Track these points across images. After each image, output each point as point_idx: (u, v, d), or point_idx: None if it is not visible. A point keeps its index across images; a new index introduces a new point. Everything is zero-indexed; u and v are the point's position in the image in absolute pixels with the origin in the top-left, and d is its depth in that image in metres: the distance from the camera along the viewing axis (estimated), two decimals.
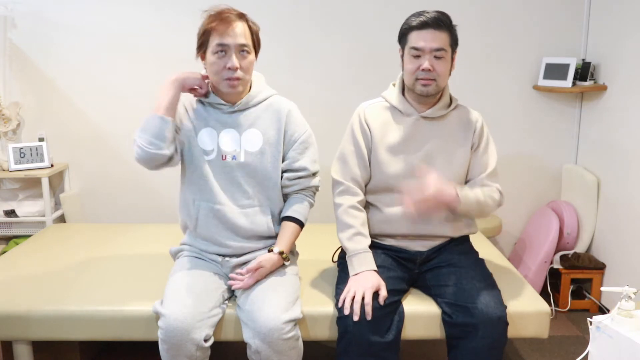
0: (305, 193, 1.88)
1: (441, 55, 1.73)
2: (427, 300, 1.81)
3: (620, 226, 2.63)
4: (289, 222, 1.84)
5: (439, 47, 1.72)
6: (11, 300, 1.82)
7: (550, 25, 2.90)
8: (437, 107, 1.83)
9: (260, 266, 1.74)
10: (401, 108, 1.84)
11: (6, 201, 2.85)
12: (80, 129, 2.94)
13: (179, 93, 1.73)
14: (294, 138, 1.83)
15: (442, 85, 1.79)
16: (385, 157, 1.83)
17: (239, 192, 1.80)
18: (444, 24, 1.73)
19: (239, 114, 1.80)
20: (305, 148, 1.85)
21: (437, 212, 1.80)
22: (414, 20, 1.75)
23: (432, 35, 1.71)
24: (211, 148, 1.79)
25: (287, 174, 1.84)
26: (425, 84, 1.75)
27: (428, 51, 1.72)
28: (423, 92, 1.77)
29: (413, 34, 1.74)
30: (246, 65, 1.72)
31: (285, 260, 1.80)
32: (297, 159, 1.84)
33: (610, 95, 2.72)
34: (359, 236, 1.78)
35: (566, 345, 2.46)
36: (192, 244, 1.87)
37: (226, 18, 1.68)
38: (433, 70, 1.73)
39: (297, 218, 1.84)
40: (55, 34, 2.84)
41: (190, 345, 1.59)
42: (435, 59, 1.73)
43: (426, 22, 1.72)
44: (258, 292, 1.70)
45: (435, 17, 1.72)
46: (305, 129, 1.86)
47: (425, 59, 1.73)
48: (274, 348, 1.60)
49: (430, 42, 1.71)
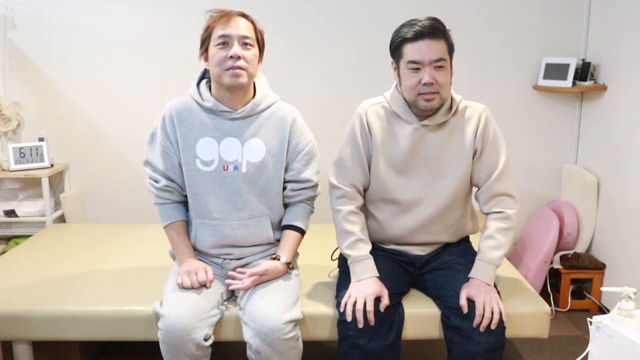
0: (307, 202, 1.88)
1: (442, 65, 1.62)
2: (427, 301, 1.81)
3: (620, 226, 2.63)
4: (292, 231, 1.83)
5: (438, 57, 1.61)
6: (11, 300, 1.82)
7: (550, 25, 2.90)
8: (439, 114, 1.73)
9: (265, 273, 1.72)
10: (401, 114, 1.74)
11: (6, 201, 2.85)
12: (80, 129, 2.94)
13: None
14: (298, 149, 1.80)
15: (446, 96, 1.68)
16: (385, 169, 1.77)
17: (239, 203, 1.76)
18: (440, 32, 1.62)
19: (242, 122, 1.75)
20: (310, 159, 1.83)
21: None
22: (407, 32, 1.62)
23: (429, 46, 1.60)
24: (211, 158, 1.74)
25: (291, 184, 1.82)
26: (429, 99, 1.64)
27: (427, 63, 1.61)
28: (427, 107, 1.67)
29: (408, 46, 1.62)
30: (249, 57, 1.68)
31: (290, 269, 1.80)
32: (302, 170, 1.81)
33: (610, 95, 2.72)
34: (359, 243, 1.75)
35: (566, 345, 2.46)
36: None
37: (229, 13, 1.68)
38: (435, 82, 1.62)
39: (299, 227, 1.83)
40: (55, 34, 2.84)
41: (191, 345, 1.59)
42: (435, 70, 1.62)
43: (421, 32, 1.60)
44: (259, 292, 1.70)
45: (430, 26, 1.60)
46: (309, 139, 1.83)
47: (425, 72, 1.61)
48: (275, 348, 1.60)
49: (427, 53, 1.60)
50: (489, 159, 1.77)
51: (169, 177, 1.78)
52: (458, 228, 1.87)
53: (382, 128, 1.77)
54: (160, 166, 1.77)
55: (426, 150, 1.76)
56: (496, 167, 1.76)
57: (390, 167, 1.77)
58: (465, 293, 1.67)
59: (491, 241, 1.74)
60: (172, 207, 1.82)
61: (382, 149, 1.77)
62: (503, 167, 1.77)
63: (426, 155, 1.76)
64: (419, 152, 1.76)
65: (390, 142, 1.76)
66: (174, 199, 1.81)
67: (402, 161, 1.76)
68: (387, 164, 1.77)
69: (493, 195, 1.77)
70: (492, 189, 1.77)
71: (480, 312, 1.62)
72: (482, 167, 1.78)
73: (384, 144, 1.77)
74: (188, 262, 1.76)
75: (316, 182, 1.85)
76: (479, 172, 1.79)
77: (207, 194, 1.75)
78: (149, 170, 1.80)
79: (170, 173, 1.78)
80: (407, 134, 1.75)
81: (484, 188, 1.79)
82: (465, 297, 1.66)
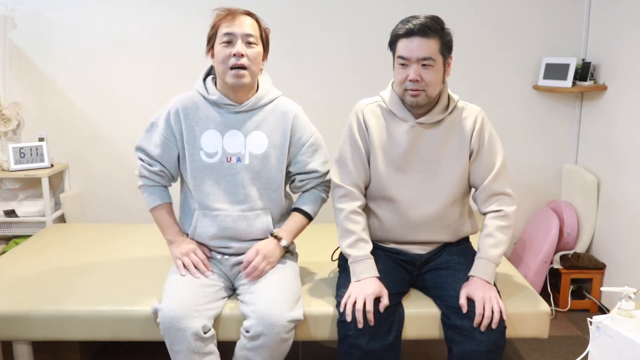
0: (318, 188, 1.91)
1: (429, 64, 1.65)
2: (427, 301, 1.81)
3: (620, 226, 2.63)
4: (297, 214, 1.87)
5: (425, 56, 1.63)
6: (11, 300, 1.82)
7: (550, 25, 2.90)
8: (434, 112, 1.75)
9: (257, 253, 1.76)
10: (397, 112, 1.77)
11: (6, 201, 2.85)
12: (80, 129, 2.94)
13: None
14: (301, 141, 1.84)
15: (433, 94, 1.70)
16: (382, 167, 1.79)
17: (241, 195, 1.79)
18: (433, 31, 1.63)
19: (245, 115, 1.79)
20: (314, 150, 1.86)
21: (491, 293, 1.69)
22: (401, 28, 1.67)
23: (418, 44, 1.63)
24: (215, 150, 1.78)
25: (299, 176, 1.87)
26: (414, 95, 1.68)
27: (414, 60, 1.64)
28: (412, 103, 1.71)
29: (400, 42, 1.67)
30: (252, 55, 1.71)
31: (280, 243, 1.81)
32: (307, 162, 1.85)
33: (610, 95, 2.72)
34: (360, 242, 1.76)
35: (566, 345, 2.46)
36: None
37: (234, 11, 1.73)
38: (421, 80, 1.65)
39: (305, 211, 1.87)
40: (55, 34, 2.84)
41: (189, 335, 1.59)
42: (423, 67, 1.65)
43: (412, 30, 1.63)
44: (262, 288, 1.71)
45: (422, 24, 1.63)
46: (312, 132, 1.86)
47: (412, 68, 1.65)
48: (271, 339, 1.61)
49: (415, 51, 1.63)
50: (485, 160, 1.79)
51: (162, 164, 1.84)
52: (457, 228, 1.87)
53: (379, 126, 1.79)
54: (156, 153, 1.82)
55: (422, 148, 1.78)
56: (493, 168, 1.79)
57: (388, 165, 1.79)
58: (465, 292, 1.67)
59: (490, 239, 1.75)
60: (160, 190, 1.88)
61: (380, 147, 1.79)
62: (500, 167, 1.79)
63: (423, 153, 1.78)
64: (416, 150, 1.78)
65: (388, 140, 1.78)
66: (163, 184, 1.88)
67: (399, 158, 1.78)
68: (385, 161, 1.79)
69: (491, 194, 1.79)
70: (489, 188, 1.79)
71: (480, 311, 1.62)
72: (479, 168, 1.80)
73: (382, 142, 1.79)
74: (181, 243, 1.82)
75: (324, 172, 1.89)
76: (476, 173, 1.80)
77: (209, 185, 1.79)
78: (141, 155, 1.85)
79: (164, 161, 1.83)
80: (403, 131, 1.77)
81: (482, 188, 1.80)
82: (465, 296, 1.66)
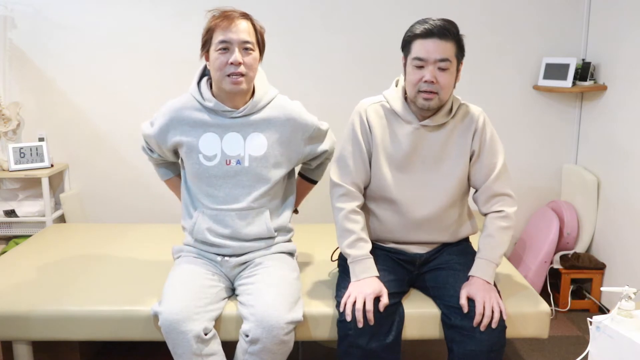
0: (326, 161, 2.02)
1: (446, 67, 1.64)
2: (427, 301, 1.81)
3: (620, 226, 2.63)
4: (303, 180, 2.03)
5: (443, 57, 1.63)
6: (11, 300, 1.82)
7: (550, 25, 2.90)
8: (439, 115, 1.74)
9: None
10: (401, 114, 1.76)
11: (6, 201, 2.85)
12: (80, 129, 2.94)
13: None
14: (306, 136, 1.85)
15: (445, 98, 1.69)
16: (384, 167, 1.78)
17: (241, 197, 1.79)
18: (450, 33, 1.63)
19: (243, 118, 1.78)
20: (321, 137, 1.91)
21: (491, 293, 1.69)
22: (418, 28, 1.65)
23: (436, 45, 1.62)
24: (214, 153, 1.78)
25: (312, 161, 1.96)
26: (427, 98, 1.66)
27: (432, 62, 1.63)
28: (424, 107, 1.68)
29: (417, 42, 1.65)
30: (249, 61, 1.70)
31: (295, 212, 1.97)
32: (316, 148, 1.90)
33: (610, 95, 2.72)
34: (360, 242, 1.75)
35: (566, 345, 2.46)
36: (192, 244, 1.87)
37: (230, 16, 1.68)
38: (436, 82, 1.64)
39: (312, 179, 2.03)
40: (55, 34, 2.84)
41: (190, 337, 1.58)
42: (439, 70, 1.64)
43: (431, 31, 1.62)
44: (261, 289, 1.70)
45: (441, 26, 1.62)
46: (313, 122, 1.86)
47: (428, 70, 1.64)
48: (270, 342, 1.60)
49: (434, 52, 1.62)
50: (487, 161, 1.79)
51: (160, 155, 1.93)
52: (456, 229, 1.87)
53: (382, 126, 1.78)
54: (155, 147, 1.90)
55: (424, 149, 1.77)
56: (494, 169, 1.78)
57: (390, 165, 1.78)
58: (465, 292, 1.67)
59: (491, 240, 1.75)
60: (168, 165, 2.01)
61: (382, 147, 1.78)
62: (501, 168, 1.79)
63: (424, 154, 1.78)
64: (418, 151, 1.77)
65: (390, 140, 1.78)
66: (168, 162, 1.99)
67: (401, 159, 1.78)
68: (387, 161, 1.78)
69: (492, 195, 1.79)
70: (490, 189, 1.79)
71: (480, 311, 1.62)
72: (481, 168, 1.79)
73: (384, 142, 1.78)
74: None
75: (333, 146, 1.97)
76: (477, 174, 1.80)
77: (209, 186, 1.79)
78: (143, 143, 1.94)
79: (161, 153, 1.91)
80: (406, 133, 1.76)
81: (483, 189, 1.80)
82: (465, 296, 1.66)
